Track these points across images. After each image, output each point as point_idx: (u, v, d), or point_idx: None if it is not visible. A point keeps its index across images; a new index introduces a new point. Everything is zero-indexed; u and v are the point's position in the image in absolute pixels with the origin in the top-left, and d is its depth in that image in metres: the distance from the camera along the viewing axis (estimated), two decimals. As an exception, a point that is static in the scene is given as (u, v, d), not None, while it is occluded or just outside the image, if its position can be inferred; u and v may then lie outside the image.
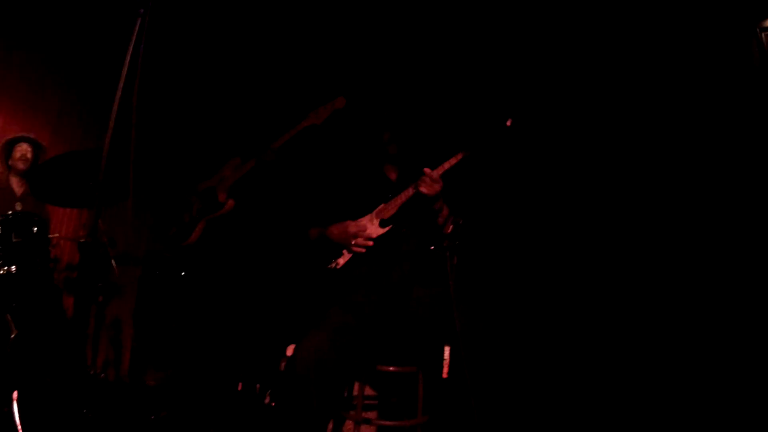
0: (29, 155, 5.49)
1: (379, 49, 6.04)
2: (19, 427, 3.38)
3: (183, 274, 5.55)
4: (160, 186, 7.05)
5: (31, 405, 3.62)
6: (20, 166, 5.43)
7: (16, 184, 5.49)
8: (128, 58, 2.70)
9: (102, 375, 4.69)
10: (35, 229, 4.48)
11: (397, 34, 5.97)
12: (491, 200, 4.79)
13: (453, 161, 3.87)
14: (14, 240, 4.34)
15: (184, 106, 7.29)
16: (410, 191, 3.94)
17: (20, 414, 3.44)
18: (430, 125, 4.55)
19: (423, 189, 3.82)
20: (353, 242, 3.96)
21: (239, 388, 5.07)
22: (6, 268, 4.23)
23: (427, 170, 3.82)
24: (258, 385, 4.96)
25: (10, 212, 4.49)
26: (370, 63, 6.02)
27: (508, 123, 3.65)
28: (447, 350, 3.45)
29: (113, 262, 5.12)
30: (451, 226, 3.41)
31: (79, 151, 4.50)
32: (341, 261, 4.02)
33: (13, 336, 4.09)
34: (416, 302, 3.84)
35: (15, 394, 3.49)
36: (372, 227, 3.99)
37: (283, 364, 4.58)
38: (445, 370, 3.42)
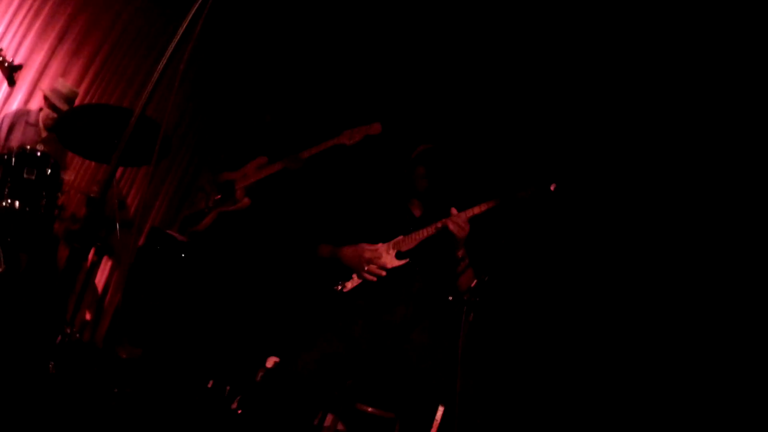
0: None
1: (430, 86, 6.02)
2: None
3: (183, 256, 5.43)
4: (187, 163, 7.03)
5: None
6: (53, 117, 5.34)
7: (43, 124, 5.36)
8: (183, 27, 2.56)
9: (77, 335, 4.53)
10: (48, 171, 4.37)
11: (450, 77, 5.95)
12: (518, 260, 4.66)
13: (484, 207, 3.73)
14: (25, 176, 4.23)
15: (231, 94, 7.30)
16: (435, 228, 3.78)
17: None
18: (466, 169, 4.42)
19: (452, 228, 3.65)
20: (366, 268, 3.79)
21: (209, 385, 4.92)
22: (9, 201, 4.10)
23: (454, 210, 3.70)
24: (228, 387, 4.82)
25: (28, 147, 4.40)
26: (418, 97, 5.98)
27: (552, 188, 3.50)
28: (440, 410, 3.29)
29: (118, 224, 5.00)
30: (475, 281, 3.26)
31: (113, 105, 4.38)
32: (349, 285, 3.85)
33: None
34: (413, 348, 3.66)
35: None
36: (387, 257, 3.82)
37: (260, 375, 4.44)
38: (434, 430, 3.27)
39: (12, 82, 4.88)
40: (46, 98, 5.25)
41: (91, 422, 3.87)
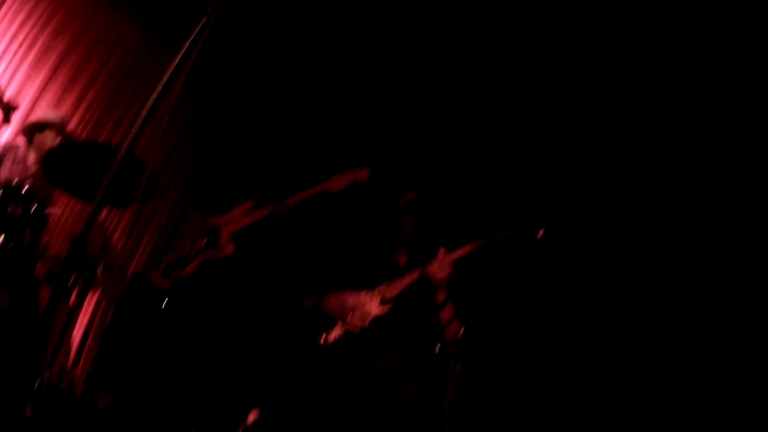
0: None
1: (417, 132, 6.07)
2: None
3: (165, 304, 5.32)
4: (173, 205, 6.94)
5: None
6: (41, 153, 5.22)
7: (31, 160, 5.27)
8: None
9: (56, 379, 4.38)
10: (34, 207, 4.25)
11: (438, 122, 6.02)
12: (506, 308, 4.61)
13: (467, 249, 3.70)
14: (10, 211, 4.09)
15: (221, 137, 7.27)
16: (417, 273, 3.74)
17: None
18: (453, 217, 4.38)
19: (431, 270, 3.62)
20: (349, 317, 3.71)
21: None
22: (-7, 235, 3.97)
23: (441, 250, 3.67)
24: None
25: (14, 181, 4.26)
26: (406, 143, 5.98)
27: (539, 235, 3.44)
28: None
29: (100, 267, 4.88)
30: (463, 329, 3.19)
31: (101, 143, 4.29)
32: (332, 336, 3.75)
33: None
34: (400, 401, 3.55)
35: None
36: (371, 305, 3.74)
37: (241, 430, 4.31)
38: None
39: (7, 120, 4.81)
40: (36, 128, 5.17)
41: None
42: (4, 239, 4.01)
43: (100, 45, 6.49)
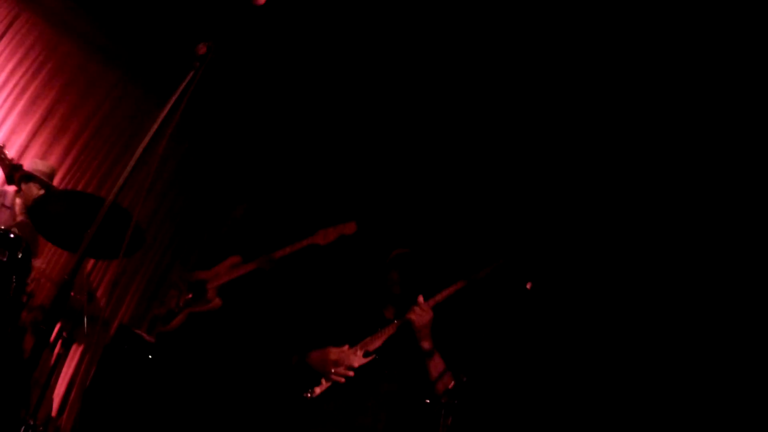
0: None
1: (405, 187, 6.09)
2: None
3: (150, 357, 5.31)
4: (159, 259, 6.96)
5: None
6: (28, 202, 5.26)
7: (19, 208, 5.31)
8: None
9: (40, 428, 4.36)
10: (20, 254, 4.26)
11: (425, 177, 6.10)
12: (494, 359, 4.62)
13: (445, 293, 3.77)
14: (-5, 258, 4.13)
15: (208, 192, 7.32)
16: (397, 324, 3.81)
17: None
18: (441, 270, 4.42)
19: (411, 316, 3.68)
20: (333, 370, 3.72)
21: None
22: (-21, 283, 3.98)
23: (420, 299, 3.71)
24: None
25: (2, 227, 4.30)
26: (394, 197, 6.03)
27: (528, 286, 3.49)
28: None
29: (85, 318, 4.89)
30: (453, 382, 3.21)
31: (89, 193, 4.33)
32: (317, 390, 3.75)
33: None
34: None
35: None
36: (354, 357, 3.75)
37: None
38: None
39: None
40: (23, 177, 5.20)
41: None
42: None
43: (89, 96, 6.56)
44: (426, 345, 3.70)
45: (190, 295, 5.11)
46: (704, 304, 4.51)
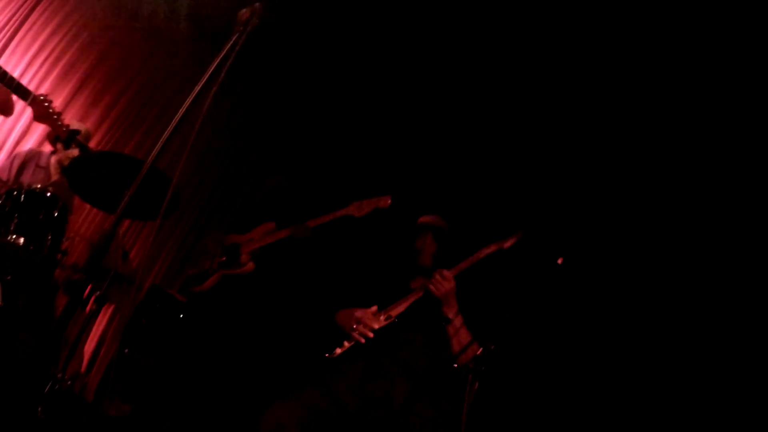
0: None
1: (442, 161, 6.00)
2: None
3: (181, 317, 5.36)
4: (194, 222, 6.98)
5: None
6: (65, 162, 5.30)
7: (54, 168, 5.34)
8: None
9: (68, 382, 4.42)
10: (56, 213, 4.31)
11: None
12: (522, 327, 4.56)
13: (468, 262, 3.80)
14: (32, 215, 4.16)
15: (247, 156, 7.30)
16: (420, 290, 3.80)
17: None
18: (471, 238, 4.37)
19: (429, 285, 3.69)
20: (354, 327, 3.74)
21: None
22: (14, 237, 4.02)
23: (444, 271, 3.70)
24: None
25: (39, 186, 4.34)
26: (430, 172, 5.98)
27: (560, 261, 3.44)
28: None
29: (119, 277, 4.95)
30: (481, 349, 3.18)
31: (127, 155, 4.34)
32: (338, 351, 3.76)
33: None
34: (420, 421, 3.52)
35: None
36: (376, 320, 3.75)
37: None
38: None
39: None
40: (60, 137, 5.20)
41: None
42: (25, 242, 4.07)
43: (126, 65, 6.57)
44: (449, 314, 3.71)
45: (224, 258, 5.14)
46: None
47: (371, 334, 3.69)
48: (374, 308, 3.84)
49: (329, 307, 4.11)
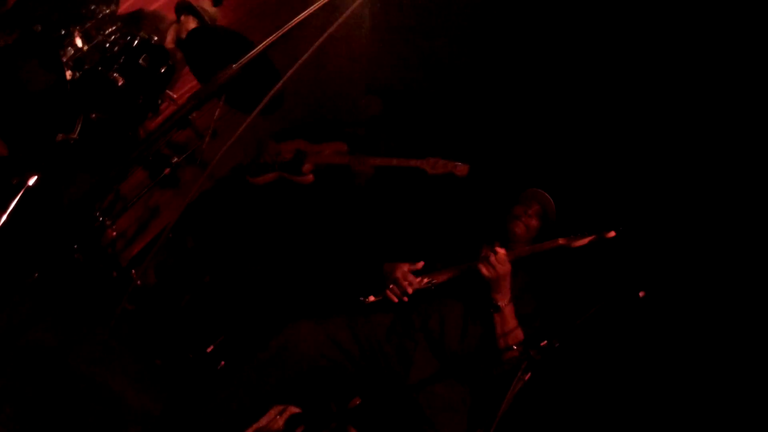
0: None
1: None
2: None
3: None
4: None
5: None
6: (182, 35, 5.29)
7: (171, 36, 5.32)
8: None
9: (108, 222, 4.38)
10: (163, 70, 4.28)
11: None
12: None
13: (528, 250, 3.59)
14: (140, 62, 4.13)
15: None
16: (465, 265, 3.58)
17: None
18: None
19: (481, 266, 3.43)
20: (391, 286, 3.61)
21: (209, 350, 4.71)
22: (116, 75, 3.98)
23: (498, 249, 3.44)
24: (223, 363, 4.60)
25: (156, 38, 4.31)
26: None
27: (641, 295, 3.13)
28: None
29: (202, 150, 4.90)
30: (546, 342, 2.89)
31: (244, 37, 4.22)
32: (372, 298, 3.70)
33: (69, 136, 3.83)
34: (432, 398, 3.41)
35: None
36: (414, 283, 3.62)
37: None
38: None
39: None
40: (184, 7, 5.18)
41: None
42: (124, 84, 4.03)
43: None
44: (499, 301, 3.45)
45: (289, 158, 5.07)
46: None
47: (405, 299, 3.58)
48: (420, 264, 3.67)
49: (381, 249, 3.98)
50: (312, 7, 2.29)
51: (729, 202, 4.21)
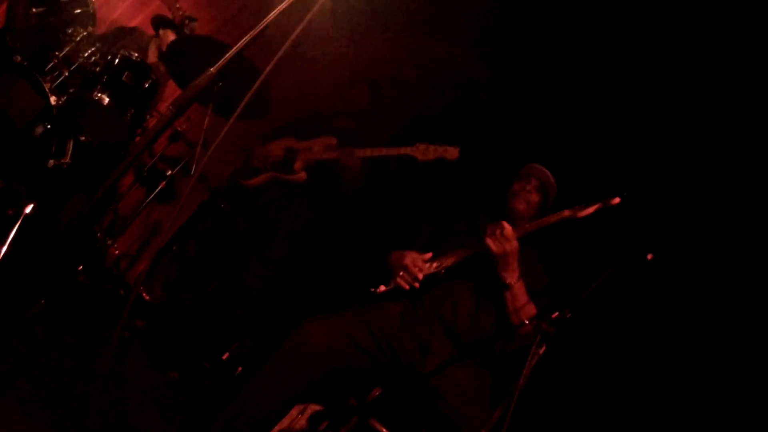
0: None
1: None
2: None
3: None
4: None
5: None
6: (163, 48, 5.27)
7: (152, 51, 5.32)
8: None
9: (109, 242, 4.38)
10: (146, 85, 4.28)
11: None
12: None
13: (535, 225, 3.50)
14: (123, 79, 4.13)
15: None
16: (476, 244, 3.50)
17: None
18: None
19: (488, 242, 3.37)
20: (401, 273, 3.56)
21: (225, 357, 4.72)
22: (99, 95, 3.98)
23: (505, 224, 3.37)
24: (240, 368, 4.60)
25: (137, 55, 4.31)
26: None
27: (649, 257, 3.11)
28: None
29: (194, 163, 4.90)
30: (557, 313, 2.85)
31: (226, 44, 4.20)
32: (382, 288, 3.64)
33: (62, 161, 3.83)
34: (451, 382, 3.34)
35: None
36: (424, 269, 3.56)
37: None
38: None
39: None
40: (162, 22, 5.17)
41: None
42: (110, 103, 4.02)
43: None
44: (508, 279, 3.40)
45: (279, 159, 5.02)
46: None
47: (416, 284, 3.53)
48: (428, 255, 3.64)
49: (383, 240, 3.96)
50: (279, 7, 2.29)
51: (728, 158, 4.21)
